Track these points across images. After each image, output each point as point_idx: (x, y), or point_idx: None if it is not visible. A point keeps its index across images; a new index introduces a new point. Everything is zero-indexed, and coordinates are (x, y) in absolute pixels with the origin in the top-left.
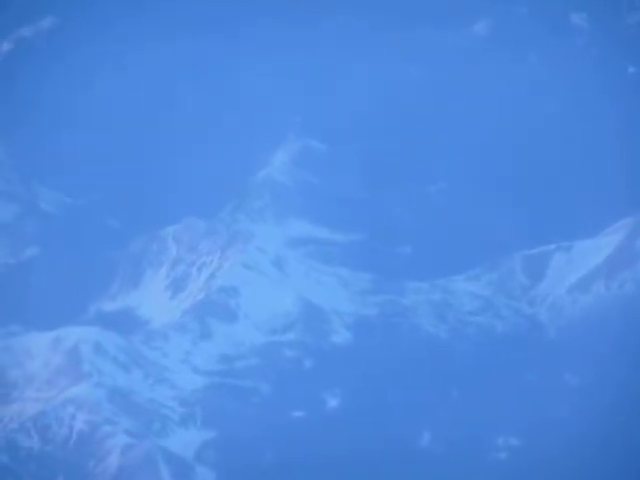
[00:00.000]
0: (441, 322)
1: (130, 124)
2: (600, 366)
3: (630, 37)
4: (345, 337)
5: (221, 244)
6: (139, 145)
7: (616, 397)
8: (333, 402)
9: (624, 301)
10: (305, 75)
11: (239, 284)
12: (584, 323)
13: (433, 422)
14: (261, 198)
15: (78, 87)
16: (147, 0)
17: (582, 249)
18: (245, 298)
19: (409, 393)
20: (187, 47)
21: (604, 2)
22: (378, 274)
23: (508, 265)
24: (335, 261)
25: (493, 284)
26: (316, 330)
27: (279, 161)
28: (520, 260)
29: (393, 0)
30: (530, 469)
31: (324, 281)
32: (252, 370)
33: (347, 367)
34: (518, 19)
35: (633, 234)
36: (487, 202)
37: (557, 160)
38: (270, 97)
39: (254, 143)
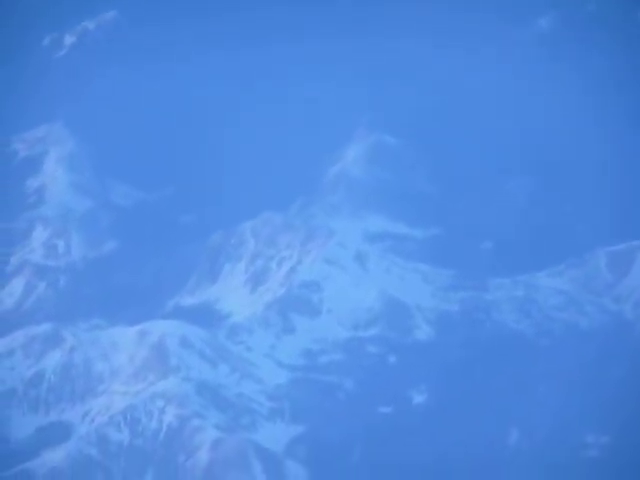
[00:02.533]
0: (525, 318)
1: (201, 120)
2: None
3: None
4: (428, 333)
5: (300, 238)
6: (210, 141)
7: None
8: (419, 398)
9: None
10: (374, 69)
11: (321, 279)
12: None
13: (520, 419)
14: (336, 193)
15: (145, 81)
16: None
17: None
18: (327, 293)
19: (495, 390)
20: (255, 46)
21: None
22: (459, 270)
23: (592, 261)
24: (414, 256)
25: (577, 280)
26: (399, 326)
27: (352, 156)
28: (604, 256)
29: None
30: (621, 467)
31: (406, 276)
32: (336, 365)
33: (431, 363)
34: (584, 15)
35: None
36: (571, 197)
37: None
38: (340, 92)
39: (324, 138)
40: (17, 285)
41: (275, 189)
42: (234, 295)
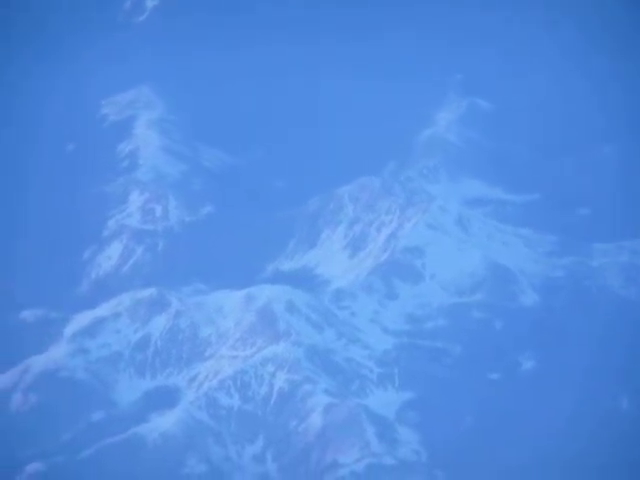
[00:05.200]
0: (631, 284)
1: (289, 85)
2: None
3: None
4: (533, 299)
5: (400, 203)
6: (300, 106)
7: None
8: (527, 364)
9: None
10: (464, 32)
11: (423, 244)
12: None
13: (629, 385)
14: (431, 157)
15: (233, 45)
16: None
17: None
18: (430, 258)
19: (602, 356)
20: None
21: None
22: (561, 235)
23: None
24: (515, 221)
25: None
26: (504, 291)
27: (445, 120)
28: None
29: None
30: None
31: (508, 241)
32: (442, 331)
33: (537, 329)
34: None
35: None
36: None
37: None
38: (429, 55)
39: (414, 101)
40: (115, 249)
41: (366, 153)
42: (333, 260)
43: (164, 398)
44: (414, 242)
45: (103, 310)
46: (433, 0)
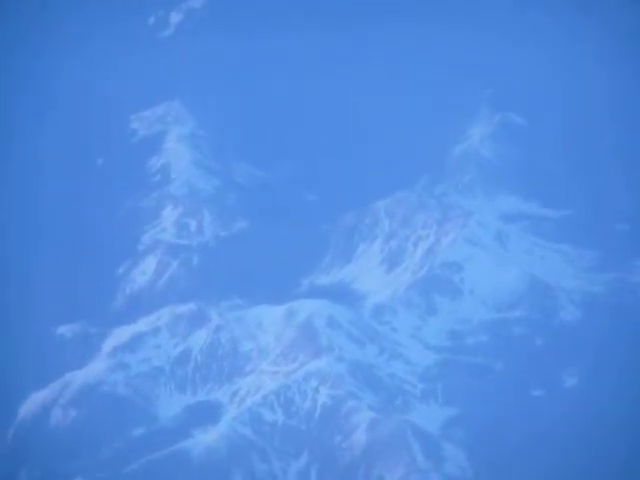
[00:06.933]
0: None
1: (321, 100)
2: None
3: None
4: (574, 314)
5: (436, 218)
6: (331, 120)
7: None
8: (571, 381)
9: None
10: (495, 48)
11: (462, 259)
12: None
13: None
14: (466, 172)
15: (259, 57)
16: None
17: None
18: (469, 274)
19: None
20: (373, 26)
21: None
22: (601, 251)
23: None
24: (552, 237)
25: None
26: (544, 307)
27: (478, 135)
28: None
29: None
30: None
31: (547, 257)
32: (483, 347)
33: (580, 345)
34: None
35: None
36: None
37: None
38: (461, 69)
39: (446, 116)
40: (150, 264)
41: (399, 167)
42: (370, 275)
43: (206, 413)
44: (453, 257)
45: (143, 325)
46: (466, 15)
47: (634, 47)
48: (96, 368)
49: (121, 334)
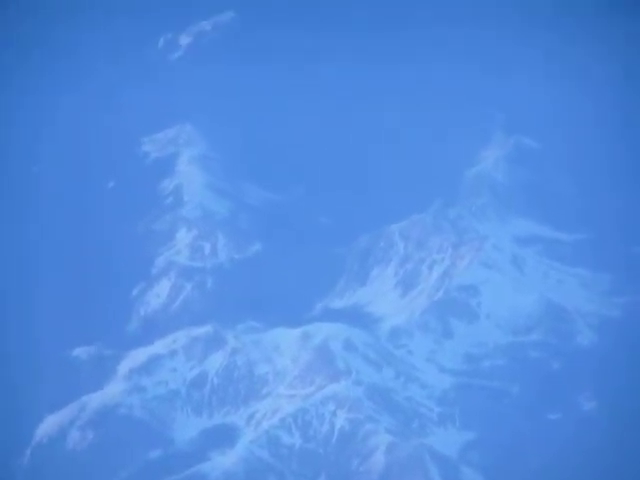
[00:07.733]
0: None
1: (333, 121)
2: None
3: None
4: (590, 338)
5: (451, 242)
6: (341, 143)
7: None
8: (588, 405)
9: None
10: (507, 72)
11: (478, 283)
12: None
13: None
14: (480, 196)
15: (270, 80)
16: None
17: None
18: (485, 297)
19: None
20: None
21: None
22: (617, 274)
23: None
24: (566, 260)
25: None
26: (560, 331)
27: (492, 158)
28: None
29: None
30: None
31: (564, 280)
32: (499, 370)
33: (597, 369)
34: None
35: None
36: None
37: None
38: (472, 93)
39: (459, 140)
40: (164, 287)
41: (414, 190)
42: (384, 298)
43: (222, 436)
44: (469, 281)
45: (158, 347)
46: (480, 37)
47: None
48: (112, 390)
49: (137, 356)
